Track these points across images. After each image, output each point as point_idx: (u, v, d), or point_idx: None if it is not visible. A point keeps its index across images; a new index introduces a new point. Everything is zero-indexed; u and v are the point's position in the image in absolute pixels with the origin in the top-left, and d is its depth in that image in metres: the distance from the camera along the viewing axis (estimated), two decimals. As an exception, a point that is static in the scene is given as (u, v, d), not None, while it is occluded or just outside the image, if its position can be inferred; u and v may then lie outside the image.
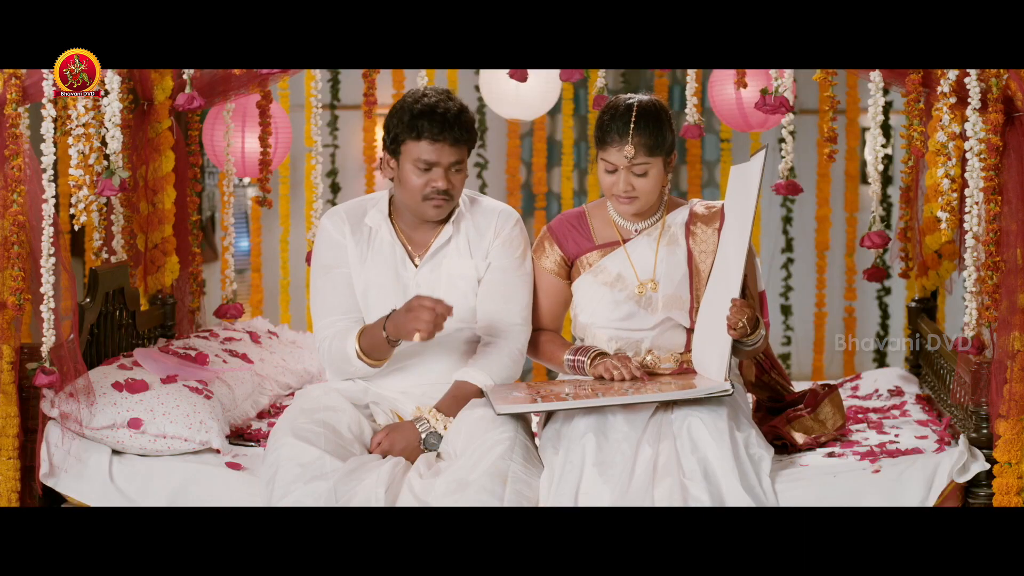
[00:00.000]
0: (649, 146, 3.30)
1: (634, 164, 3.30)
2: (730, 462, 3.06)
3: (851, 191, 6.93)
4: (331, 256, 3.49)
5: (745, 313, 3.17)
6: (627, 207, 3.38)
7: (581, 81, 4.86)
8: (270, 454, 3.20)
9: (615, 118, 3.32)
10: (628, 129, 3.29)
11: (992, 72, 3.25)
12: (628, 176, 3.32)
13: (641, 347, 3.43)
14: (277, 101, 4.61)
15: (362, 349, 3.35)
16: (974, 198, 3.32)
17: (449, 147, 3.32)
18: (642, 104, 3.33)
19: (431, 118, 3.30)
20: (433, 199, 3.36)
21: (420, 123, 3.30)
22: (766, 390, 3.64)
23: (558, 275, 3.49)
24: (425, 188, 3.34)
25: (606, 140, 3.32)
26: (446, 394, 3.39)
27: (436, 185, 3.33)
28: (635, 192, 3.34)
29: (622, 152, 3.29)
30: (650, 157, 3.31)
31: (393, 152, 3.38)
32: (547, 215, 6.86)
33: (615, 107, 3.35)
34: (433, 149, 3.31)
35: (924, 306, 4.37)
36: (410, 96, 3.38)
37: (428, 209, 3.38)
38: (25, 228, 3.31)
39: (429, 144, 3.31)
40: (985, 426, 3.28)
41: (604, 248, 3.45)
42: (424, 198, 3.36)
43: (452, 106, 3.32)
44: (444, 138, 3.30)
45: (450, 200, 3.38)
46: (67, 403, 3.34)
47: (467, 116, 3.35)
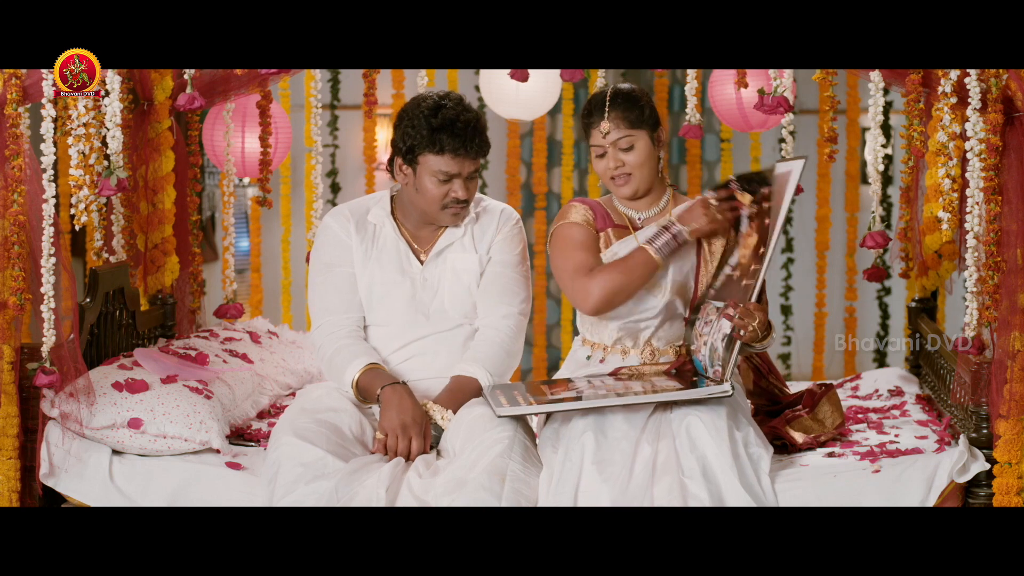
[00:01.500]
0: (628, 119, 3.36)
1: (617, 140, 3.36)
2: (729, 461, 3.07)
3: (851, 191, 6.94)
4: (334, 254, 3.50)
5: (756, 317, 3.18)
6: (624, 188, 3.40)
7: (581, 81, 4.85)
8: (271, 453, 3.21)
9: (592, 103, 3.42)
10: (604, 108, 3.37)
11: (992, 72, 3.25)
12: (615, 153, 3.37)
13: (641, 338, 3.43)
14: (277, 101, 4.61)
15: (359, 384, 3.37)
16: (974, 198, 3.32)
17: (470, 160, 3.37)
18: (616, 86, 3.43)
19: (452, 132, 3.33)
20: (452, 207, 3.41)
21: (441, 137, 3.33)
22: (763, 396, 3.64)
23: (591, 226, 3.43)
24: (445, 198, 3.39)
25: (589, 125, 3.41)
26: (444, 388, 3.41)
27: (456, 195, 3.39)
28: (626, 168, 3.38)
29: (600, 130, 3.37)
30: (631, 130, 3.36)
31: (409, 161, 3.40)
32: (547, 215, 6.87)
33: (594, 95, 3.45)
34: (455, 163, 3.35)
35: (924, 306, 4.37)
36: (425, 104, 3.38)
37: (446, 217, 3.43)
38: (25, 228, 3.31)
39: (452, 159, 3.35)
40: (985, 426, 3.28)
41: (619, 229, 3.45)
42: (443, 207, 3.41)
43: (471, 117, 3.36)
44: (466, 152, 3.35)
45: (467, 206, 3.43)
46: (67, 403, 3.34)
47: (482, 124, 3.40)
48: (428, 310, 3.49)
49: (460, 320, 3.50)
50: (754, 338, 3.20)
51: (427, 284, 3.48)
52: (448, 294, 3.49)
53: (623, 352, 3.44)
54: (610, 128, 3.35)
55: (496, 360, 3.44)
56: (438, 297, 3.49)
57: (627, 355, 3.44)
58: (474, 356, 3.44)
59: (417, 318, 3.48)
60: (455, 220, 3.45)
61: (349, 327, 3.48)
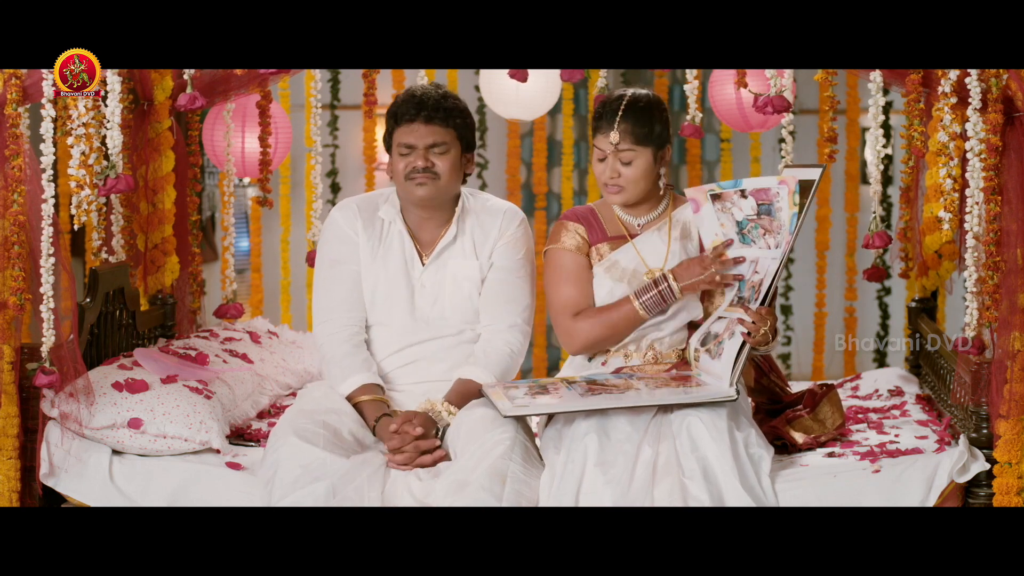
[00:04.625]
0: (636, 134, 3.33)
1: (620, 151, 3.34)
2: (730, 461, 3.06)
3: (851, 191, 6.94)
4: (340, 251, 3.50)
5: (767, 321, 3.18)
6: (614, 196, 3.40)
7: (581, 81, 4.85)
8: (270, 454, 3.20)
9: (606, 105, 3.38)
10: (616, 116, 3.34)
11: (992, 72, 3.25)
12: (615, 163, 3.35)
13: (643, 344, 3.43)
14: (277, 101, 4.61)
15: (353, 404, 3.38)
16: (974, 198, 3.32)
17: (423, 126, 3.38)
18: (634, 95, 3.38)
19: (408, 103, 3.40)
20: (414, 178, 3.40)
21: (398, 109, 3.41)
22: (764, 393, 3.65)
23: (582, 252, 3.44)
24: (406, 169, 3.39)
25: (597, 128, 3.38)
26: (451, 389, 3.40)
27: (415, 164, 3.39)
28: (620, 180, 3.36)
29: (608, 138, 3.34)
30: (636, 145, 3.33)
31: (388, 148, 3.46)
32: (547, 215, 6.87)
33: (609, 96, 3.41)
34: (409, 131, 3.39)
35: (924, 306, 4.37)
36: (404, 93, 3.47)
37: (412, 188, 3.42)
38: (25, 228, 3.31)
39: (406, 127, 3.39)
40: (985, 426, 3.27)
41: (614, 241, 3.45)
42: (406, 178, 3.41)
43: (434, 92, 3.42)
44: (417, 117, 3.37)
45: (435, 179, 3.40)
46: (67, 403, 3.34)
47: (450, 102, 3.42)
48: (428, 316, 3.48)
49: (461, 326, 3.49)
50: (762, 342, 3.20)
51: (427, 291, 3.47)
52: (449, 302, 3.48)
53: (625, 356, 3.44)
54: (617, 139, 3.33)
55: (504, 367, 3.44)
56: (438, 305, 3.48)
57: (629, 358, 3.43)
58: (483, 361, 3.43)
59: (417, 323, 3.48)
60: (424, 192, 3.40)
61: (351, 329, 3.47)
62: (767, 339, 3.21)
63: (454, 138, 3.41)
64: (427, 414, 3.29)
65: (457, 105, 3.44)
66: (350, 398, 3.39)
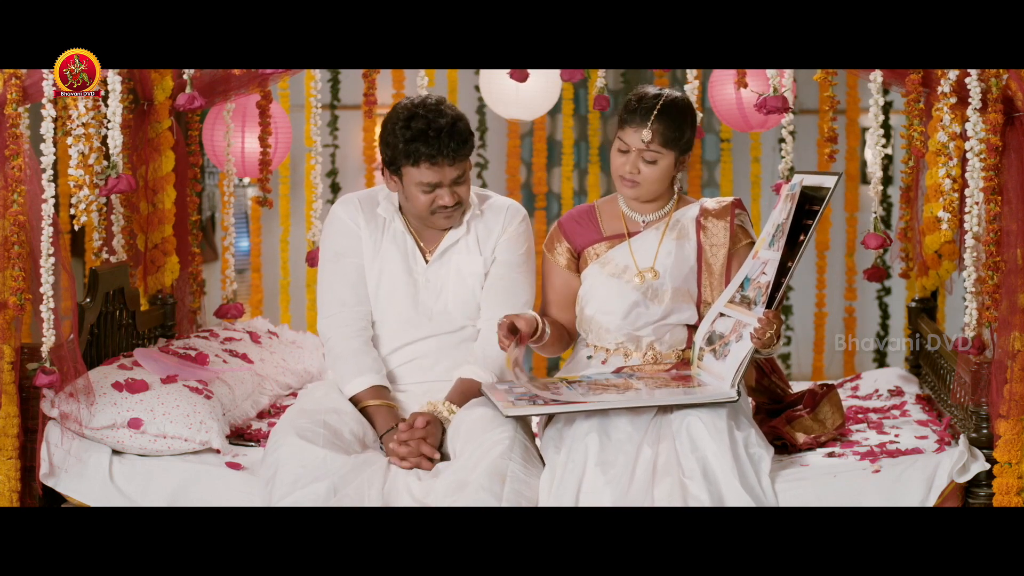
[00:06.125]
0: (666, 136, 3.34)
1: (647, 149, 3.35)
2: (729, 461, 3.07)
3: (851, 191, 6.93)
4: (343, 244, 3.50)
5: (773, 326, 3.19)
6: (629, 190, 3.41)
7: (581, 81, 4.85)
8: (270, 454, 3.20)
9: (642, 101, 3.37)
10: (651, 114, 3.34)
11: (992, 72, 3.25)
12: (638, 160, 3.36)
13: (643, 343, 3.44)
14: (277, 101, 4.61)
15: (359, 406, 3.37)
16: (974, 198, 3.32)
17: (448, 166, 3.31)
18: (671, 96, 3.39)
19: (425, 142, 3.27)
20: (441, 213, 3.39)
21: (415, 148, 3.28)
22: (765, 394, 3.65)
23: (567, 267, 3.53)
24: (432, 205, 3.36)
25: (628, 121, 3.37)
26: (453, 389, 3.40)
27: (442, 203, 3.35)
28: (639, 177, 3.38)
29: (639, 135, 3.34)
30: (664, 148, 3.35)
31: (394, 172, 3.37)
32: (547, 215, 6.86)
33: (645, 92, 3.40)
34: (433, 172, 3.31)
35: (924, 306, 4.37)
36: (400, 115, 3.32)
37: (439, 221, 3.42)
38: (25, 228, 3.31)
39: (429, 168, 3.30)
40: (985, 426, 3.28)
41: (611, 240, 3.48)
42: (432, 213, 3.39)
43: (444, 123, 3.28)
44: (441, 160, 3.29)
45: (459, 208, 3.40)
46: (67, 403, 3.34)
47: (460, 127, 3.31)
48: (431, 311, 3.48)
49: (463, 322, 3.49)
50: (766, 345, 3.21)
51: (431, 285, 3.48)
52: (452, 296, 3.48)
53: (625, 355, 3.44)
54: (649, 137, 3.33)
55: (503, 365, 3.45)
56: (442, 299, 3.48)
57: (629, 357, 3.44)
58: (483, 360, 3.43)
59: (420, 318, 3.48)
60: (449, 223, 3.43)
61: (360, 323, 3.47)
62: (771, 342, 3.21)
63: (467, 163, 3.39)
64: (434, 414, 3.30)
65: (465, 127, 3.33)
66: (357, 398, 3.39)
